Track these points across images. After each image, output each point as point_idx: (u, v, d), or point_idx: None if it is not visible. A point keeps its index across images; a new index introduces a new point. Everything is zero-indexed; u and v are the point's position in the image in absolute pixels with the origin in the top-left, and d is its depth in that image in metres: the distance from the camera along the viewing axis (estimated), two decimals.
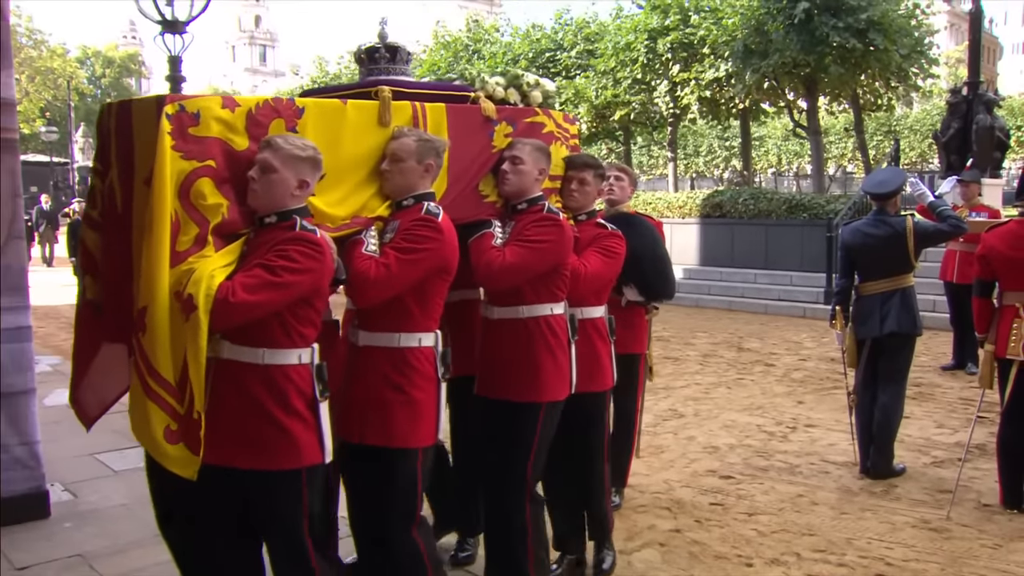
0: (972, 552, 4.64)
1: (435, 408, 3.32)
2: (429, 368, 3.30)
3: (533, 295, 3.67)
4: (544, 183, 3.87)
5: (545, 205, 3.71)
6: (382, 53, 3.69)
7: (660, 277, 4.74)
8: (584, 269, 3.87)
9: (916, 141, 39.75)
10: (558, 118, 4.09)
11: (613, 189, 4.93)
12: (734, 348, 11.29)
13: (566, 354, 3.77)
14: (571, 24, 26.08)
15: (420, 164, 3.31)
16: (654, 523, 5.07)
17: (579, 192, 4.02)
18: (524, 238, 3.58)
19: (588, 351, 4.01)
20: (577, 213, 4.08)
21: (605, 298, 4.15)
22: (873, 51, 17.63)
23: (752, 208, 16.74)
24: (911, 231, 5.73)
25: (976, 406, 5.72)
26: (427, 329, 3.30)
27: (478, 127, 3.72)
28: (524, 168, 3.68)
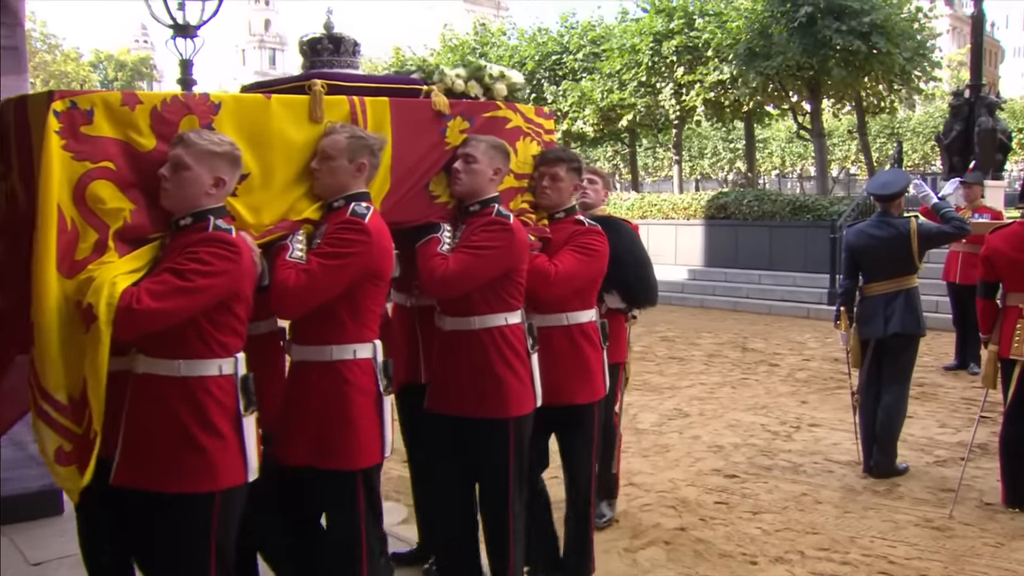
0: (975, 550, 4.66)
1: (377, 425, 3.07)
2: (367, 382, 3.06)
3: (484, 305, 3.44)
4: (509, 182, 3.68)
5: (496, 208, 3.45)
6: (325, 45, 3.51)
7: (642, 282, 4.51)
8: (554, 270, 3.62)
9: (919, 143, 39.74)
10: (528, 112, 3.85)
11: (587, 193, 4.64)
12: (739, 348, 11.32)
13: (526, 366, 3.53)
14: (577, 27, 26.13)
15: (352, 163, 3.07)
16: (659, 521, 5.11)
17: (552, 189, 3.77)
18: (470, 244, 3.36)
19: (577, 359, 3.81)
20: (552, 211, 3.85)
21: (593, 300, 3.92)
22: (876, 54, 17.69)
23: (756, 209, 16.78)
24: (915, 232, 5.76)
25: (979, 406, 5.74)
26: (362, 340, 3.06)
27: (428, 123, 3.46)
28: (478, 167, 3.44)
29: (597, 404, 3.92)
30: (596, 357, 3.88)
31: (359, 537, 3.08)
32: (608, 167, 45.67)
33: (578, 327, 3.82)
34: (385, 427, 3.09)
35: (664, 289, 18.28)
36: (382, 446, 3.09)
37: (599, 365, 3.90)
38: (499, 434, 3.48)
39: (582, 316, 3.83)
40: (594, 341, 3.88)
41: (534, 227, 3.73)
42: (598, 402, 3.92)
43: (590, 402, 3.87)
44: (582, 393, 3.83)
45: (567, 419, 3.87)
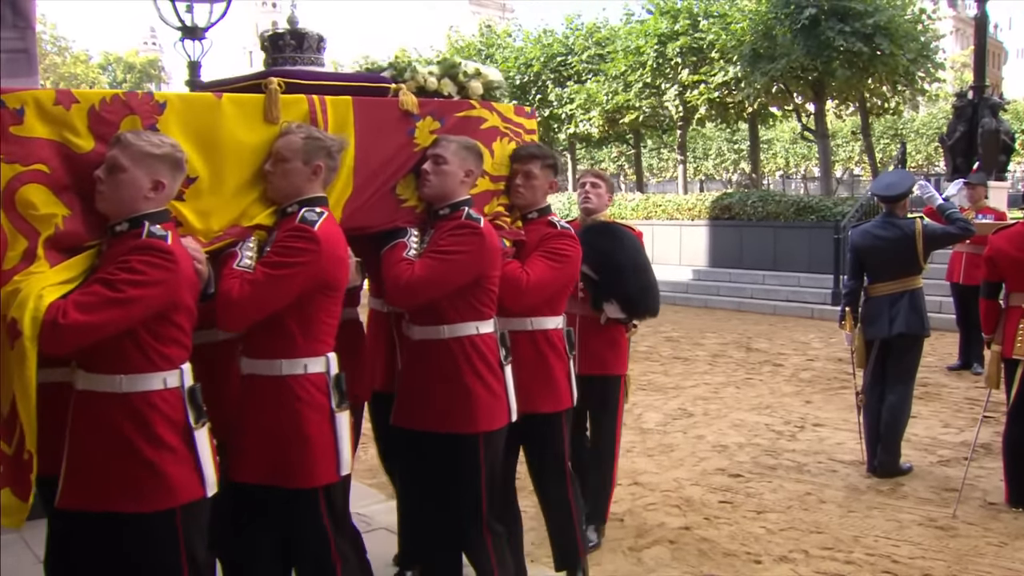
0: (978, 550, 4.68)
1: (331, 442, 2.89)
2: (321, 398, 2.89)
3: (454, 313, 3.25)
4: (484, 185, 3.53)
5: (466, 211, 3.27)
6: (287, 40, 3.34)
7: (643, 291, 4.35)
8: (526, 278, 3.46)
9: (922, 144, 39.78)
10: (506, 111, 3.67)
11: (589, 197, 4.57)
12: (743, 348, 11.35)
13: (499, 378, 3.35)
14: (582, 29, 26.17)
15: (307, 165, 2.90)
16: (664, 521, 5.13)
17: (525, 187, 3.61)
18: (437, 249, 3.19)
19: (540, 366, 3.65)
20: (525, 211, 3.69)
21: (561, 308, 3.75)
22: (880, 55, 17.71)
23: (760, 210, 16.80)
24: (920, 233, 5.79)
25: (982, 406, 5.76)
26: (313, 353, 2.88)
27: (395, 123, 3.30)
28: (447, 168, 3.27)
29: (563, 415, 3.74)
30: (561, 366, 3.71)
31: (328, 551, 2.96)
32: (613, 168, 45.73)
33: (543, 334, 3.66)
34: (340, 444, 2.91)
35: (668, 289, 18.43)
36: (338, 464, 2.91)
37: (564, 375, 3.72)
38: (468, 450, 3.28)
39: (548, 323, 3.68)
40: (559, 350, 3.71)
41: (509, 231, 3.58)
42: (564, 413, 3.74)
43: (555, 411, 3.70)
44: (545, 402, 3.66)
45: (531, 430, 3.68)
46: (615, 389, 4.66)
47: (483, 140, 3.50)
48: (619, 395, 4.69)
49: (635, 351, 10.98)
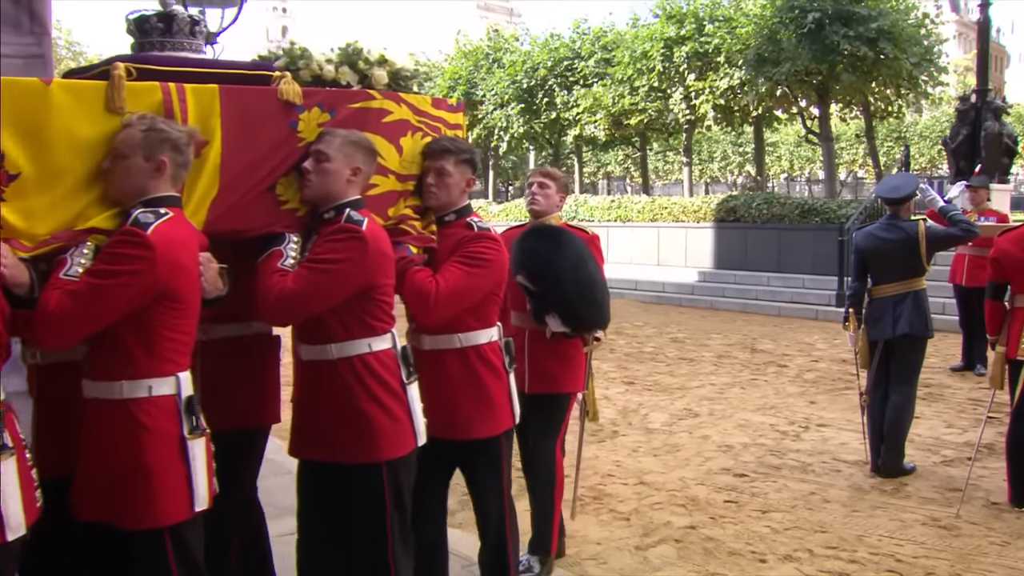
0: (981, 549, 4.70)
1: (183, 475, 2.56)
2: (167, 424, 2.55)
3: (342, 330, 2.90)
4: (389, 185, 3.21)
5: (347, 213, 2.91)
6: (153, 23, 3.00)
7: (586, 302, 3.90)
8: (435, 288, 3.10)
9: (926, 147, 39.75)
10: (419, 103, 3.31)
11: (536, 198, 4.22)
12: (748, 349, 11.38)
13: (400, 400, 2.99)
14: (589, 33, 26.25)
15: (149, 161, 2.57)
16: (670, 520, 5.15)
17: (438, 186, 3.26)
18: (313, 257, 2.85)
19: (475, 386, 3.31)
20: (441, 213, 3.33)
21: (492, 318, 3.40)
22: (883, 59, 17.78)
23: (765, 212, 16.86)
24: (923, 235, 5.82)
25: (985, 406, 5.80)
26: (158, 373, 2.54)
27: (273, 114, 2.95)
28: (330, 166, 2.91)
29: (502, 438, 3.42)
30: (498, 384, 3.38)
31: None
32: (619, 171, 45.74)
33: (474, 349, 3.32)
34: (194, 477, 2.57)
35: (674, 291, 18.51)
36: (191, 499, 2.57)
37: (502, 393, 3.39)
38: (369, 481, 2.94)
39: (479, 336, 3.33)
40: (494, 365, 3.37)
41: (417, 236, 3.26)
42: (503, 436, 3.42)
43: (492, 436, 3.37)
44: (482, 425, 3.33)
45: (467, 455, 3.41)
46: (561, 409, 4.26)
47: (387, 135, 3.18)
48: (564, 416, 4.30)
49: (641, 352, 11.05)
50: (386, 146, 3.17)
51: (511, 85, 26.14)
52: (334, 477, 2.98)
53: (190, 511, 2.58)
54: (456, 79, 28.76)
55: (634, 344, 11.90)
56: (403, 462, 3.01)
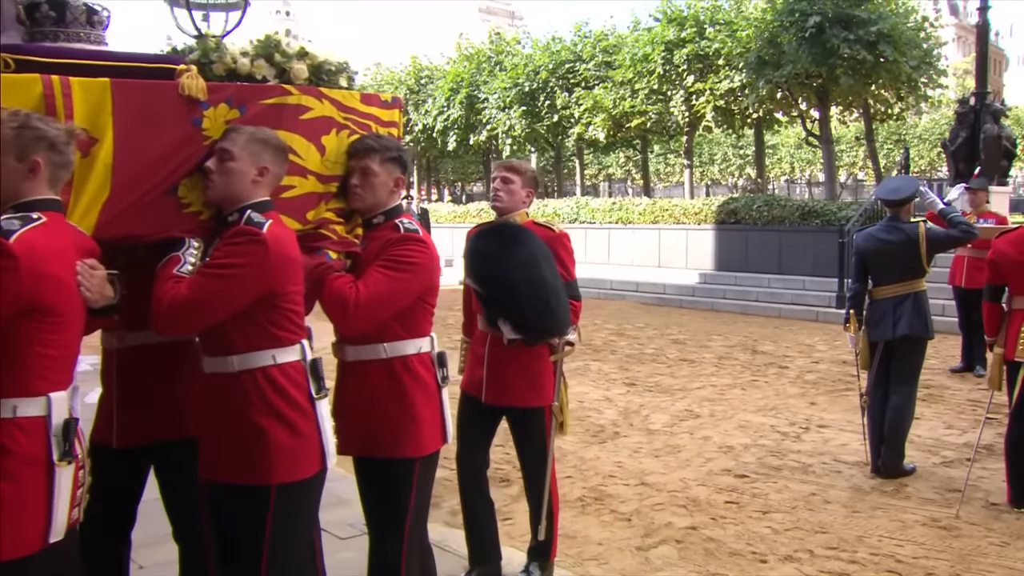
0: (980, 550, 4.71)
1: (42, 505, 2.35)
2: (34, 448, 2.34)
3: (243, 340, 2.68)
4: (310, 186, 3.02)
5: (248, 215, 2.70)
6: (45, 12, 2.84)
7: (537, 307, 3.56)
8: (355, 295, 2.88)
9: (925, 150, 39.82)
10: (346, 99, 3.13)
11: (499, 195, 3.98)
12: (748, 351, 11.40)
13: (308, 416, 2.75)
14: (590, 36, 26.29)
15: (22, 162, 2.38)
16: (671, 520, 5.17)
17: (363, 187, 3.07)
18: (210, 263, 2.66)
19: (401, 401, 3.08)
20: (368, 215, 3.14)
21: (424, 327, 3.16)
22: (883, 62, 17.82)
23: (766, 215, 16.90)
24: (923, 237, 5.85)
25: (984, 407, 5.81)
26: (26, 392, 2.34)
27: (174, 111, 2.74)
28: (234, 166, 2.71)
29: (421, 460, 3.13)
30: (426, 399, 3.13)
31: None
32: (620, 173, 45.77)
33: (401, 360, 3.08)
34: (54, 507, 2.37)
35: (675, 292, 18.52)
36: (46, 530, 2.37)
37: (431, 409, 3.14)
38: (256, 503, 2.69)
39: (407, 347, 3.10)
40: (422, 378, 3.13)
41: (338, 240, 3.07)
42: (428, 459, 3.16)
43: (414, 456, 3.10)
44: (407, 444, 3.08)
45: (385, 475, 3.13)
46: (539, 422, 4.00)
47: (306, 133, 2.99)
48: (545, 429, 4.01)
49: (642, 353, 11.06)
50: (305, 145, 2.99)
51: (513, 88, 26.18)
52: (229, 500, 2.74)
53: (42, 543, 2.36)
54: (458, 82, 28.83)
55: (635, 345, 11.91)
56: (304, 486, 2.76)
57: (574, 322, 3.92)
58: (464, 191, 47.61)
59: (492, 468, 6.08)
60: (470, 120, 28.51)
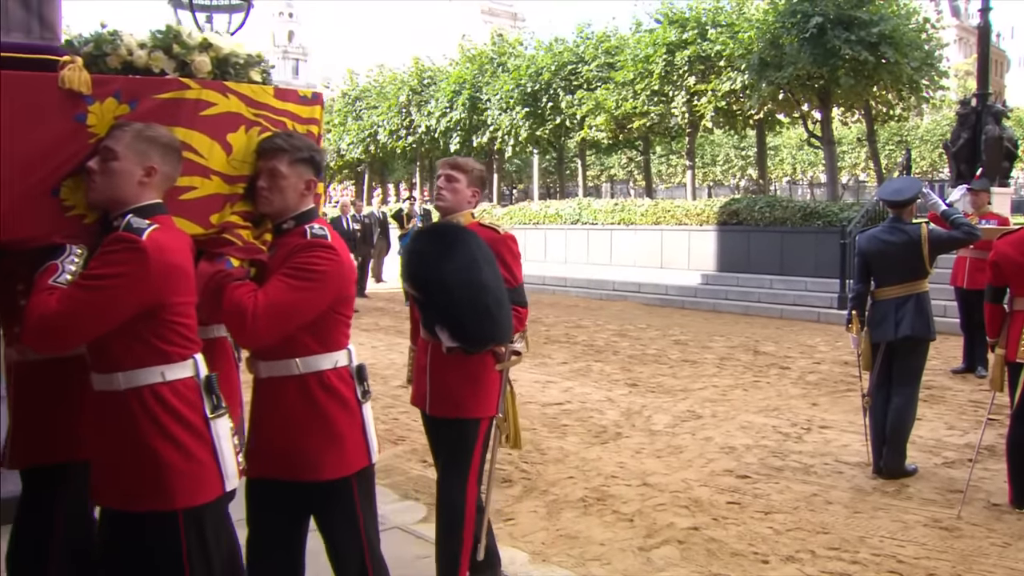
0: (982, 550, 4.71)
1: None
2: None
3: (128, 357, 2.51)
4: (213, 187, 2.84)
5: (128, 220, 2.49)
6: None
7: (475, 314, 3.34)
8: (252, 305, 2.65)
9: (927, 151, 39.78)
10: (257, 94, 2.92)
11: (442, 193, 3.76)
12: (750, 351, 11.39)
13: (203, 438, 2.56)
14: (592, 38, 26.30)
15: None
16: (673, 521, 5.16)
17: (272, 189, 2.85)
18: (85, 273, 2.47)
19: (317, 419, 2.85)
20: (278, 220, 2.92)
21: (340, 340, 2.93)
22: (885, 64, 17.82)
23: (768, 216, 16.91)
24: (926, 238, 5.85)
25: (986, 408, 5.81)
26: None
27: (54, 105, 2.56)
28: (118, 165, 2.52)
29: (355, 477, 2.93)
30: (346, 416, 2.90)
31: None
32: (623, 174, 45.74)
33: (316, 376, 2.86)
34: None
35: (677, 293, 18.55)
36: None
37: (352, 427, 2.92)
38: (163, 532, 2.52)
39: (322, 361, 2.87)
40: (341, 394, 2.90)
41: (242, 246, 2.87)
42: (354, 477, 2.93)
43: (342, 476, 2.89)
44: (326, 465, 2.85)
45: (313, 499, 2.93)
46: (471, 436, 3.70)
47: (209, 130, 2.80)
48: (475, 444, 3.72)
49: (644, 354, 11.06)
50: (207, 143, 2.79)
51: (515, 89, 26.19)
52: (124, 528, 2.57)
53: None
54: (461, 83, 28.84)
55: (637, 346, 11.92)
56: (208, 510, 2.59)
57: (519, 329, 3.72)
58: None
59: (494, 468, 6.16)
60: (473, 121, 28.51)
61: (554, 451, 6.68)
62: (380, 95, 33.61)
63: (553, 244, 21.90)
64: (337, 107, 36.79)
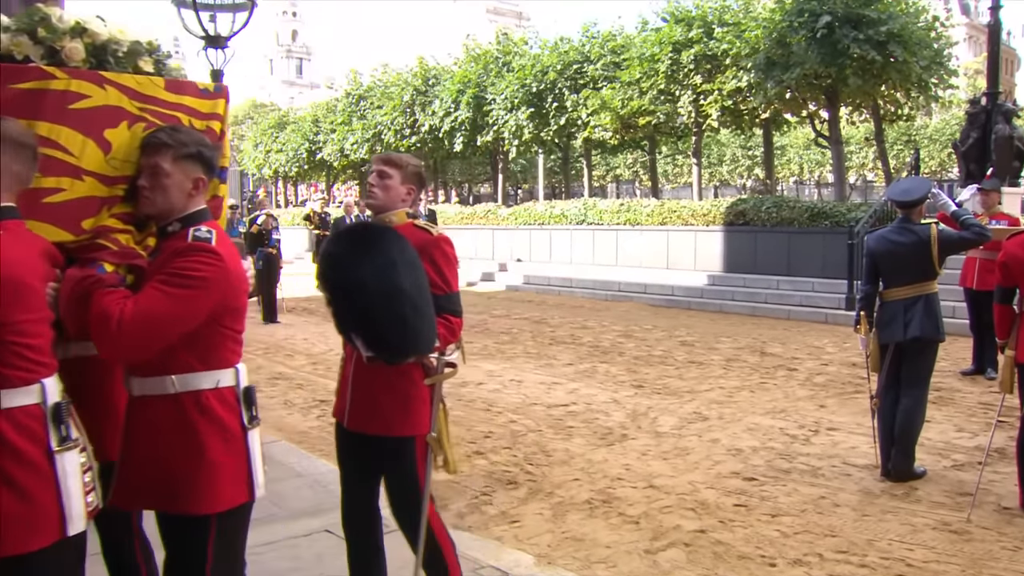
0: (992, 554, 4.67)
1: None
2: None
3: None
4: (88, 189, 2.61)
5: None
6: None
7: (392, 322, 3.01)
8: (118, 315, 2.38)
9: (935, 150, 39.66)
10: (144, 86, 2.67)
11: (374, 191, 3.48)
12: (757, 353, 11.35)
13: (41, 474, 2.29)
14: (598, 37, 26.25)
15: None
16: (679, 523, 5.14)
17: (153, 189, 2.58)
18: None
19: (191, 445, 2.55)
20: (162, 222, 2.65)
21: (225, 357, 2.64)
22: (893, 63, 17.73)
23: (775, 216, 16.86)
24: (935, 239, 5.82)
25: (996, 410, 5.77)
26: None
27: None
28: None
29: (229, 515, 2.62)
30: (224, 444, 2.60)
31: None
32: (628, 174, 45.71)
33: (192, 397, 2.57)
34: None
35: (683, 294, 18.56)
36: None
37: (232, 457, 2.61)
38: None
39: (201, 380, 2.59)
40: (220, 419, 2.60)
41: (118, 251, 2.63)
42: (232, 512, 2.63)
43: (214, 512, 2.58)
44: (199, 497, 2.55)
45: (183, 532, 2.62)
46: (408, 455, 3.37)
47: (81, 125, 2.57)
48: (415, 462, 3.39)
49: (650, 355, 11.03)
50: (78, 140, 2.55)
51: (520, 89, 26.16)
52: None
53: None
54: (465, 83, 28.80)
55: (643, 347, 11.88)
56: (41, 557, 2.29)
57: (451, 340, 3.42)
58: (471, 192, 47.62)
59: (499, 470, 6.15)
60: (477, 121, 28.46)
61: (559, 453, 6.66)
62: (384, 95, 33.57)
63: (558, 245, 21.89)
64: (341, 107, 36.81)
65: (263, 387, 9.22)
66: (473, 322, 14.59)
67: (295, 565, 4.30)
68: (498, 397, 8.72)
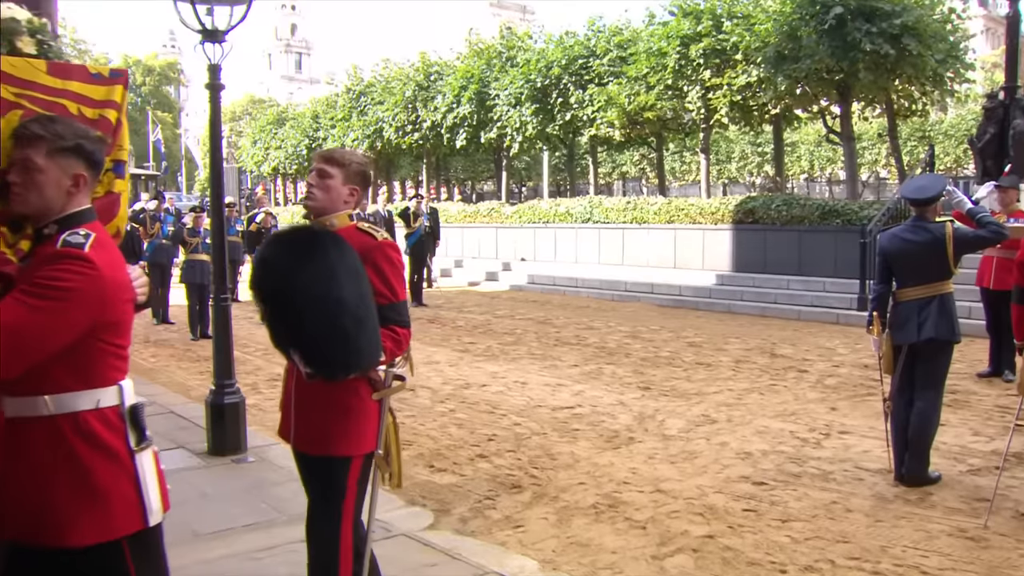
0: (1011, 562, 4.58)
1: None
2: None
3: None
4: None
5: None
6: None
7: (330, 335, 2.83)
8: None
9: (951, 147, 39.36)
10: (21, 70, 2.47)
11: (312, 192, 3.25)
12: (767, 354, 11.26)
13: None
14: (604, 31, 26.12)
15: None
16: (687, 529, 5.08)
17: (24, 186, 2.35)
18: None
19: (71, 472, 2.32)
20: (38, 223, 2.41)
21: (108, 373, 2.39)
22: (907, 56, 17.54)
23: (785, 214, 16.76)
24: (951, 237, 5.73)
25: (1014, 414, 5.69)
26: None
27: None
28: None
29: (126, 542, 2.38)
30: (109, 468, 2.36)
31: None
32: (635, 171, 45.60)
33: (70, 419, 2.32)
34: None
35: (691, 294, 18.49)
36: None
37: (120, 481, 2.37)
38: None
39: (79, 401, 2.33)
40: (103, 442, 2.35)
41: None
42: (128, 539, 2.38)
43: (105, 541, 2.34)
44: (79, 527, 2.31)
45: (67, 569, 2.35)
46: (340, 477, 3.19)
47: None
48: (345, 485, 3.20)
49: (657, 356, 10.94)
50: None
51: (525, 84, 26.05)
52: None
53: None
54: (468, 78, 28.69)
55: (650, 348, 11.81)
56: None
57: (398, 352, 3.24)
58: (474, 190, 47.61)
59: (503, 474, 6.08)
60: (480, 117, 28.33)
61: (564, 456, 6.60)
62: (385, 90, 33.48)
63: (564, 243, 21.81)
64: (341, 102, 36.80)
65: (262, 388, 9.17)
66: (477, 323, 14.56)
67: (295, 571, 4.25)
68: (502, 399, 8.65)
